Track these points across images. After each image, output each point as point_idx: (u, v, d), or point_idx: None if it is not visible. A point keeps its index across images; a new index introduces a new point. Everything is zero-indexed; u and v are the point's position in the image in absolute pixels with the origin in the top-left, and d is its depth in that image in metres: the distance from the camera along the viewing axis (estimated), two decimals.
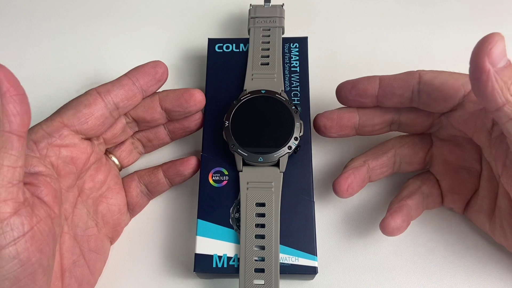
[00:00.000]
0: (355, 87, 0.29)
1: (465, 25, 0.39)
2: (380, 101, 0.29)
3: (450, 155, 0.29)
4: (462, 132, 0.28)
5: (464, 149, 0.29)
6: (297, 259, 0.27)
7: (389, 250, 0.30)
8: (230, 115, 0.29)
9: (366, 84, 0.28)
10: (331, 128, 0.30)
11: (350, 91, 0.29)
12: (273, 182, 0.28)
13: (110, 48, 0.39)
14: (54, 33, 0.40)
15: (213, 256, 0.27)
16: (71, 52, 0.39)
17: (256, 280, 0.26)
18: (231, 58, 0.33)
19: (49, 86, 0.37)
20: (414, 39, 0.39)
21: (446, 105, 0.27)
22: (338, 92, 0.30)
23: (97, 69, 0.38)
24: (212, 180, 0.30)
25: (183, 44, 0.39)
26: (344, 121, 0.30)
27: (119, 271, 0.30)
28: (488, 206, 0.28)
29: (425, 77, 0.27)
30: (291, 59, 0.33)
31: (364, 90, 0.28)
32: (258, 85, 0.31)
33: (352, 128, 0.30)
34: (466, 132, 0.27)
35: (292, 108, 0.29)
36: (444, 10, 0.40)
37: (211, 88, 0.32)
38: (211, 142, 0.31)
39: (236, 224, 0.28)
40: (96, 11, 0.41)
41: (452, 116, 0.28)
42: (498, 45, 0.21)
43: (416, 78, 0.27)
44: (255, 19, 0.34)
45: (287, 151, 0.28)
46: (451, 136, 0.29)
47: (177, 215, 0.32)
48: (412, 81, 0.27)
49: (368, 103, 0.29)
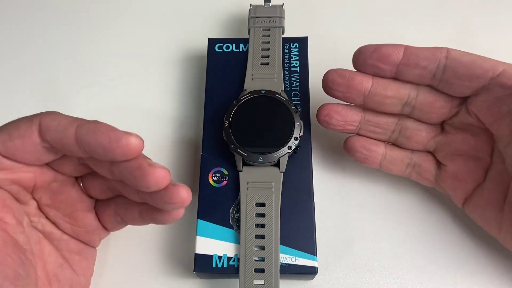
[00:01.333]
0: (378, 50, 0.27)
1: (466, 25, 0.39)
2: (401, 71, 0.27)
3: (461, 144, 0.28)
4: (479, 121, 0.27)
5: (478, 139, 0.28)
6: (297, 259, 0.27)
7: (389, 250, 0.30)
8: (230, 115, 0.29)
9: (390, 49, 0.27)
10: (338, 86, 0.28)
11: (371, 54, 0.27)
12: (273, 182, 0.28)
13: (109, 47, 0.39)
14: (54, 32, 0.40)
15: (213, 256, 0.27)
16: (70, 52, 0.39)
17: (256, 280, 0.26)
18: (231, 58, 0.33)
19: (49, 86, 0.37)
20: (415, 39, 0.38)
21: (471, 85, 0.26)
22: (356, 56, 0.28)
23: (96, 68, 0.38)
24: (212, 180, 0.30)
25: (183, 44, 0.39)
26: (355, 82, 0.28)
27: (119, 271, 0.30)
28: (495, 201, 0.27)
29: (454, 53, 0.26)
30: (291, 59, 0.33)
31: (387, 55, 0.26)
32: (258, 85, 0.31)
33: (361, 93, 0.28)
34: (485, 120, 0.26)
35: (292, 108, 0.29)
36: (446, 10, 0.40)
37: (211, 88, 0.32)
38: (211, 142, 0.31)
39: (236, 224, 0.28)
40: (95, 10, 0.41)
41: (474, 101, 0.26)
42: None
43: (443, 52, 0.26)
44: (255, 19, 0.34)
45: (287, 151, 0.28)
46: (466, 125, 0.28)
47: None
48: (439, 55, 0.26)
49: (387, 72, 0.27)
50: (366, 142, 0.30)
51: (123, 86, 0.37)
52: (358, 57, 0.27)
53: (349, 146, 0.30)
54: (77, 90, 0.37)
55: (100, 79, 0.37)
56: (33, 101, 0.37)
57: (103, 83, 0.37)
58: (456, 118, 0.28)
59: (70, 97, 0.37)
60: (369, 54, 0.27)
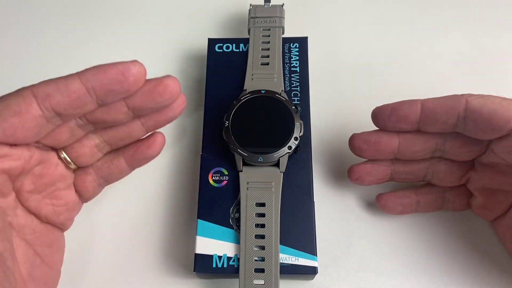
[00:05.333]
0: (395, 112, 0.26)
1: (466, 25, 0.39)
2: (422, 126, 0.27)
3: (490, 180, 0.28)
4: (504, 160, 0.26)
5: (506, 175, 0.27)
6: (297, 259, 0.27)
7: (389, 250, 0.30)
8: (230, 115, 0.29)
9: (407, 109, 0.26)
10: (366, 152, 0.28)
11: (389, 117, 0.27)
12: (273, 182, 0.28)
13: (109, 47, 0.39)
14: (55, 33, 0.40)
15: (213, 256, 0.27)
16: (71, 53, 0.39)
17: (256, 280, 0.26)
18: (231, 58, 0.33)
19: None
20: (415, 39, 0.39)
21: (494, 134, 0.25)
22: (374, 117, 0.28)
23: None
24: (212, 180, 0.30)
25: (183, 44, 0.39)
26: (382, 146, 0.28)
27: (119, 271, 0.30)
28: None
29: (473, 103, 0.25)
30: (291, 59, 0.33)
31: (405, 116, 0.26)
32: (258, 85, 0.31)
33: (390, 153, 0.28)
34: (509, 160, 0.26)
35: (292, 108, 0.29)
36: (445, 10, 0.40)
37: (211, 88, 0.32)
38: (211, 142, 0.31)
39: (236, 224, 0.28)
40: (96, 10, 0.41)
41: (497, 144, 0.26)
42: None
43: (462, 104, 0.25)
44: (255, 19, 0.34)
45: (287, 151, 0.28)
46: (494, 163, 0.27)
47: (177, 215, 0.32)
48: (458, 108, 0.25)
49: (409, 129, 0.27)
50: (398, 198, 0.30)
51: None
52: (377, 118, 0.27)
53: (382, 205, 0.30)
54: None
55: None
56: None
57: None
58: (484, 156, 0.27)
59: None
60: (387, 117, 0.27)
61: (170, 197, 0.32)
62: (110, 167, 0.26)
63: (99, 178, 0.27)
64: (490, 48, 0.38)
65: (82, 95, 0.21)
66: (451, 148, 0.28)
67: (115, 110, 0.23)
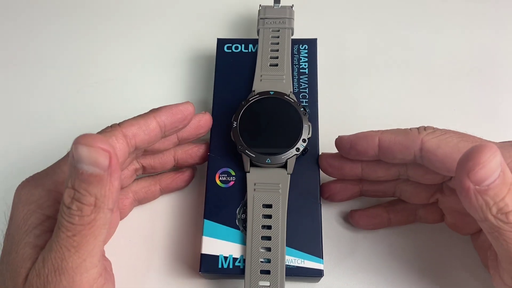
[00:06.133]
0: (354, 147, 0.27)
1: (468, 24, 0.39)
2: (382, 159, 0.27)
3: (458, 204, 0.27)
4: None
5: None
6: (303, 261, 0.27)
7: (396, 253, 0.30)
8: (238, 116, 0.29)
9: (365, 145, 0.26)
10: (332, 174, 0.30)
11: (349, 151, 0.27)
12: (280, 184, 0.28)
13: (118, 48, 0.39)
14: (60, 34, 0.40)
15: (219, 257, 0.27)
16: (80, 53, 0.39)
17: (262, 281, 0.26)
18: (240, 58, 0.33)
19: (53, 86, 0.37)
20: (425, 41, 0.38)
21: (450, 175, 0.25)
22: (337, 147, 0.28)
23: (107, 68, 0.38)
24: (219, 180, 0.30)
25: (192, 44, 0.39)
26: (345, 171, 0.29)
27: (125, 271, 0.30)
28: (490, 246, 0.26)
29: (427, 145, 0.24)
30: (300, 60, 0.33)
31: (364, 152, 0.27)
32: (267, 86, 0.31)
33: (355, 176, 0.29)
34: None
35: (301, 110, 0.29)
36: (450, 10, 0.40)
37: (219, 88, 0.32)
38: (219, 142, 0.31)
39: (242, 225, 0.28)
40: (105, 11, 0.41)
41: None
42: (488, 164, 0.19)
43: (417, 145, 0.25)
44: (265, 20, 0.34)
45: (295, 153, 0.28)
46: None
47: (184, 215, 0.32)
48: (412, 148, 0.25)
49: (370, 159, 0.28)
50: (368, 217, 0.30)
51: (132, 85, 0.37)
52: (339, 149, 0.28)
53: (355, 222, 0.31)
54: (77, 90, 0.37)
55: (108, 79, 0.38)
56: (35, 101, 0.37)
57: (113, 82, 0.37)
58: (450, 182, 0.27)
59: (81, 96, 0.37)
60: (347, 151, 0.28)
61: (177, 197, 0.33)
62: (147, 192, 0.31)
63: (135, 201, 0.30)
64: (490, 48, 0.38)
65: (158, 133, 0.26)
66: (415, 175, 0.28)
67: (169, 141, 0.28)
